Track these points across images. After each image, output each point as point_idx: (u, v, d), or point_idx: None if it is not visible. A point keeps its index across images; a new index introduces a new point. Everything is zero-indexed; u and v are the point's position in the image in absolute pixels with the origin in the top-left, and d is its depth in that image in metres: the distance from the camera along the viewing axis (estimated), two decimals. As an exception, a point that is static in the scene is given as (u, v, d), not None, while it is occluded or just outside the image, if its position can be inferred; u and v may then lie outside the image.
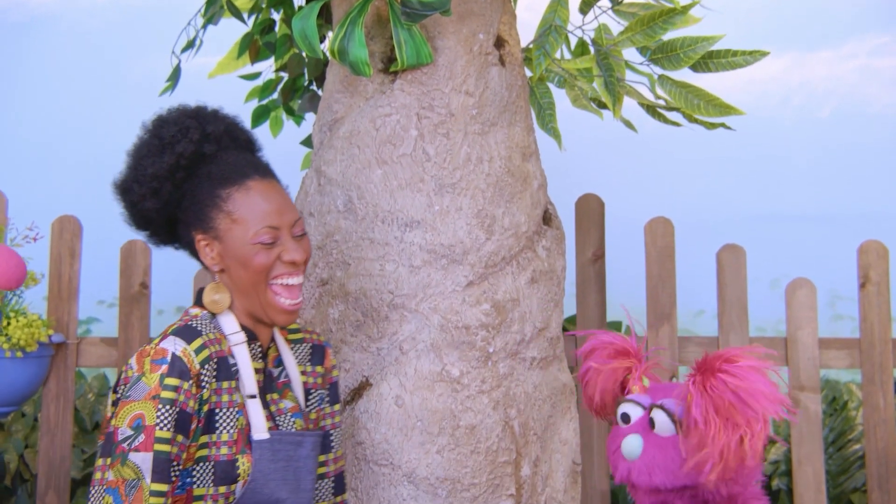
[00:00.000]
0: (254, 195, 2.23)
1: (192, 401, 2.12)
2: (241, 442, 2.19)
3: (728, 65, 3.15)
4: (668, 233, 3.85)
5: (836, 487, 4.30)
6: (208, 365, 2.16)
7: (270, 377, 2.33)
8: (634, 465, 1.92)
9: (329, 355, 2.50)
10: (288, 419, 2.30)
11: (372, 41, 2.98)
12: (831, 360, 3.81)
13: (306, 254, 2.28)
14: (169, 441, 2.09)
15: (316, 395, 2.44)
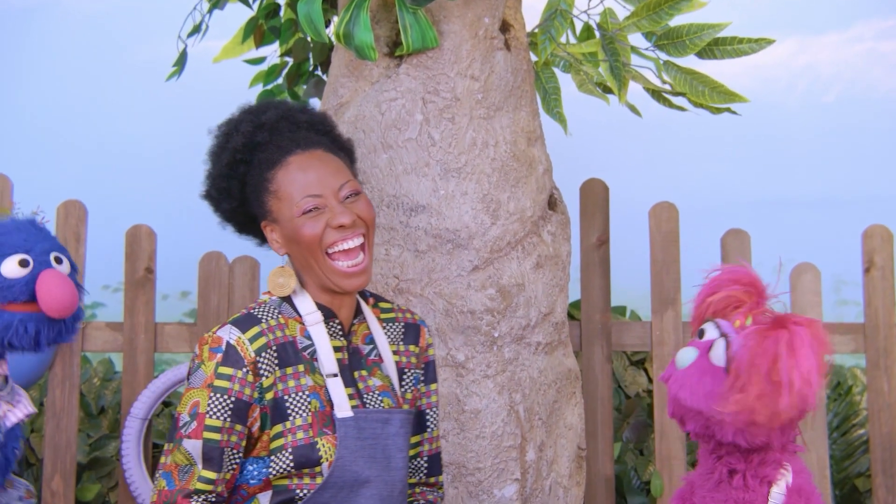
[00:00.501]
0: (293, 170, 2.20)
1: (248, 389, 2.13)
2: (318, 424, 2.16)
3: (734, 52, 3.14)
4: (673, 217, 3.85)
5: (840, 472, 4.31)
6: (266, 353, 2.16)
7: (358, 354, 2.28)
8: (676, 373, 1.98)
9: (424, 334, 2.41)
10: (375, 397, 2.24)
11: (377, 25, 2.98)
12: (836, 345, 3.81)
13: (357, 215, 2.20)
14: (219, 430, 2.11)
15: (410, 374, 2.37)
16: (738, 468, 1.97)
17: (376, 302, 2.39)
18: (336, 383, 2.19)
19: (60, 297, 1.98)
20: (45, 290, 1.97)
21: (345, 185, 2.20)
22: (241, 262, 3.79)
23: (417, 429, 2.40)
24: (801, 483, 1.99)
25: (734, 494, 1.97)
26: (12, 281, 1.97)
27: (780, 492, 1.96)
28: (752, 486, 1.96)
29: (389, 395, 2.26)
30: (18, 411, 2.15)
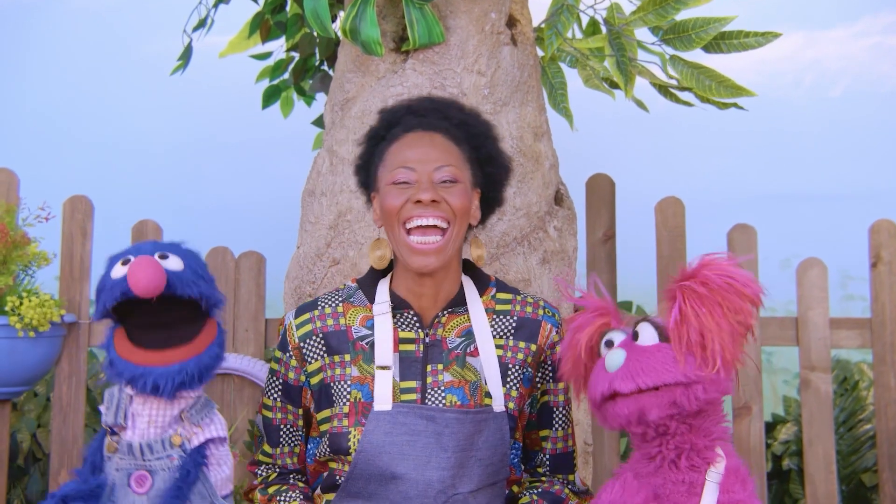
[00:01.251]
0: (404, 144, 2.23)
1: (291, 373, 2.26)
2: (355, 414, 2.17)
3: (740, 46, 3.14)
4: (679, 212, 3.84)
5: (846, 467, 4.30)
6: (311, 340, 2.24)
7: (439, 347, 2.22)
8: (616, 373, 1.94)
9: (545, 331, 2.30)
10: (439, 393, 2.18)
11: (384, 20, 2.98)
12: (842, 340, 3.80)
13: (444, 198, 2.18)
14: (271, 408, 2.30)
15: (517, 371, 2.26)
16: (682, 448, 1.98)
17: (497, 292, 2.34)
18: (384, 376, 2.18)
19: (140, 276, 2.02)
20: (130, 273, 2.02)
21: (443, 168, 2.20)
22: (247, 256, 3.79)
23: (544, 424, 2.33)
24: (736, 464, 2.00)
25: (673, 476, 1.98)
26: (114, 281, 2.04)
27: (717, 471, 1.97)
28: (692, 467, 1.97)
29: (459, 392, 2.19)
30: (202, 434, 2.16)
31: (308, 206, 3.07)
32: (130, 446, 2.09)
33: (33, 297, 3.47)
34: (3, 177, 3.80)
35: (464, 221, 2.21)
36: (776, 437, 4.40)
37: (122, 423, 2.10)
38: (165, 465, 2.10)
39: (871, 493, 4.18)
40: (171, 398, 2.08)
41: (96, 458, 2.13)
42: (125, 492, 2.09)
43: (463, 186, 2.21)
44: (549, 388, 2.33)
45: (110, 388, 2.15)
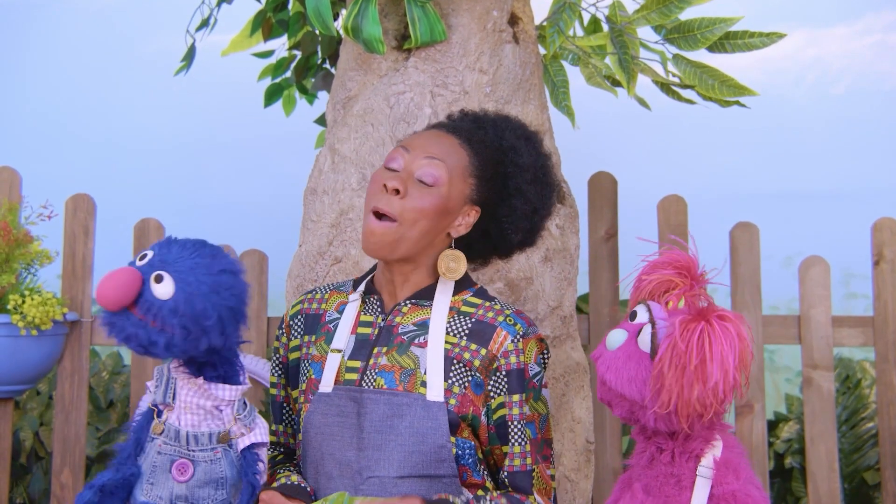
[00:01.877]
0: (420, 132, 2.32)
1: (282, 349, 2.38)
2: (308, 392, 2.26)
3: (745, 46, 3.14)
4: (682, 210, 3.84)
5: (849, 465, 4.30)
6: (297, 318, 2.37)
7: (390, 332, 2.24)
8: (605, 354, 1.98)
9: (499, 338, 2.23)
10: (372, 375, 2.21)
11: (385, 18, 2.98)
12: (844, 339, 3.81)
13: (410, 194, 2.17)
14: (275, 385, 2.40)
15: (461, 371, 2.20)
16: (665, 446, 1.99)
17: (472, 296, 2.31)
18: (334, 359, 2.24)
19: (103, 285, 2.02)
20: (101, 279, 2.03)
21: (429, 159, 2.20)
22: (250, 255, 3.79)
23: (500, 440, 2.25)
24: (730, 457, 2.00)
25: (664, 470, 1.99)
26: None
27: (707, 465, 1.97)
28: (680, 462, 1.98)
29: (388, 376, 2.20)
30: (248, 438, 2.20)
31: (310, 205, 3.07)
32: (178, 433, 2.13)
33: (36, 295, 3.47)
34: (5, 175, 3.80)
35: (420, 225, 2.18)
36: (778, 435, 4.40)
37: (171, 401, 2.15)
38: (208, 457, 2.14)
39: (873, 492, 4.18)
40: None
41: (142, 437, 2.16)
42: (166, 477, 2.12)
43: (442, 192, 2.19)
44: (505, 402, 2.24)
45: (159, 366, 2.19)
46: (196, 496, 2.12)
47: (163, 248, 2.09)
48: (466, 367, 2.22)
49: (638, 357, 1.94)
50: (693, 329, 1.85)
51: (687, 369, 1.84)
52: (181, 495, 2.11)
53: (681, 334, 1.86)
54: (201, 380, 2.13)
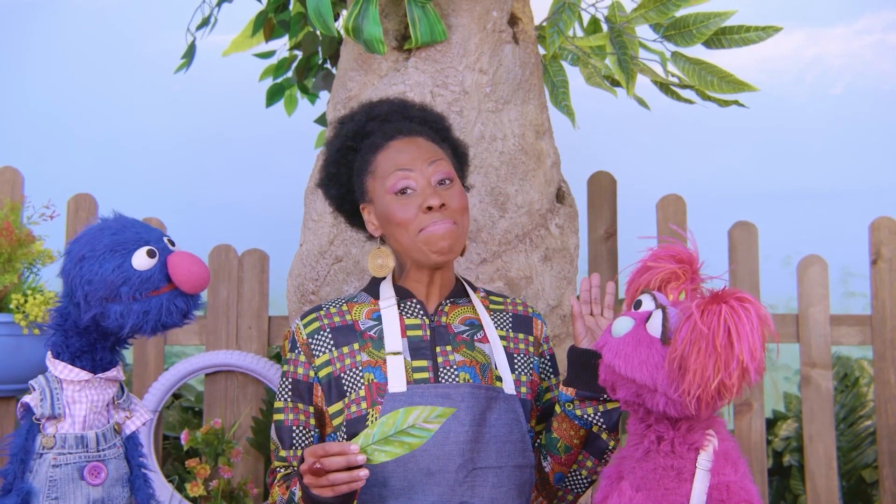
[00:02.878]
0: (392, 151, 2.27)
1: (300, 368, 2.30)
2: (371, 396, 2.21)
3: (741, 41, 3.15)
4: (681, 210, 3.85)
5: (847, 463, 4.31)
6: (318, 335, 2.29)
7: (445, 331, 2.28)
8: (612, 341, 1.95)
9: (537, 326, 2.41)
10: (452, 371, 2.23)
11: (386, 19, 2.99)
12: (843, 337, 3.82)
13: (448, 200, 2.22)
14: (283, 410, 2.31)
15: (524, 359, 2.34)
16: (666, 436, 1.97)
17: (488, 295, 2.42)
18: (396, 360, 2.23)
19: (197, 273, 2.03)
20: (181, 271, 2.01)
21: (437, 163, 2.24)
22: (251, 254, 3.80)
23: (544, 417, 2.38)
24: (727, 448, 1.99)
25: (663, 461, 1.97)
26: (148, 272, 2.01)
27: (707, 457, 1.96)
28: (680, 453, 1.96)
29: (471, 371, 2.24)
30: (137, 419, 2.17)
31: (311, 204, 3.08)
32: (84, 438, 2.07)
33: (38, 294, 3.48)
34: (7, 175, 3.82)
35: (466, 218, 2.27)
36: (777, 433, 4.41)
37: (61, 412, 2.06)
38: (115, 453, 2.10)
39: (871, 489, 4.19)
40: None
41: (26, 456, 2.05)
42: (76, 486, 2.06)
43: (457, 183, 2.27)
44: (550, 385, 2.39)
45: (36, 379, 2.09)
46: (111, 496, 2.09)
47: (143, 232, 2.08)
48: (524, 355, 2.35)
49: (648, 342, 1.91)
50: (715, 311, 1.83)
51: (713, 351, 1.82)
52: (98, 499, 2.06)
53: (702, 317, 1.84)
54: (113, 371, 2.09)
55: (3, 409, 3.74)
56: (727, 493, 1.94)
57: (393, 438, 2.01)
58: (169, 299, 2.02)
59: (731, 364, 1.82)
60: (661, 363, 1.89)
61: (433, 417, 2.01)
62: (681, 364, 1.85)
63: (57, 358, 2.08)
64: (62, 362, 2.07)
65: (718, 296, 1.87)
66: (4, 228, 3.46)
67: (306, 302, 2.99)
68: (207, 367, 3.74)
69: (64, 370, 2.06)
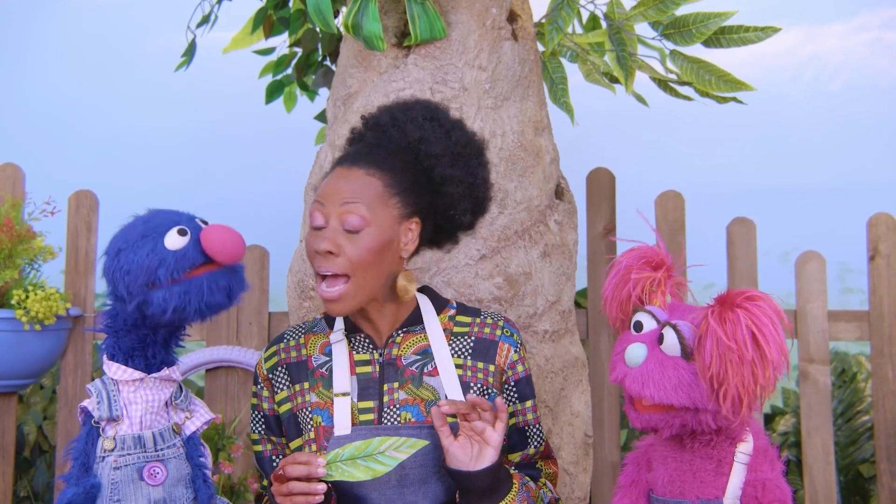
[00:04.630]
0: (330, 177, 2.21)
1: (265, 403, 2.31)
2: (319, 439, 2.19)
3: (740, 40, 3.16)
4: (679, 206, 3.86)
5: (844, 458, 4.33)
6: (277, 370, 2.29)
7: (394, 366, 2.22)
8: (631, 371, 1.89)
9: (502, 351, 2.28)
10: (394, 412, 2.19)
11: (385, 16, 3.00)
12: (840, 333, 3.83)
13: (345, 248, 2.12)
14: (259, 441, 2.33)
15: (479, 390, 2.23)
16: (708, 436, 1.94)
17: (457, 314, 2.33)
18: (342, 402, 2.19)
19: (231, 241, 2.01)
20: (214, 242, 2.00)
21: (345, 205, 2.14)
22: (251, 250, 3.81)
23: (518, 446, 2.30)
24: (765, 444, 1.98)
25: (701, 452, 1.95)
26: (181, 251, 2.00)
27: (745, 451, 1.94)
28: (720, 445, 1.94)
29: (414, 409, 2.19)
30: (197, 419, 2.18)
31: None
32: (141, 438, 2.07)
33: (39, 290, 3.49)
34: (8, 171, 3.82)
35: (370, 269, 2.15)
36: (775, 428, 4.43)
37: (119, 413, 2.07)
38: (174, 453, 2.10)
39: (868, 484, 4.21)
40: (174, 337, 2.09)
41: (88, 460, 2.07)
42: (136, 487, 2.07)
43: (371, 232, 2.14)
44: (517, 410, 2.30)
45: (93, 382, 2.11)
46: (173, 497, 2.09)
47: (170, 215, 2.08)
48: (482, 385, 2.24)
49: (673, 363, 1.87)
50: (733, 319, 1.80)
51: (745, 358, 1.79)
52: (159, 499, 2.07)
53: (722, 327, 1.80)
54: (167, 370, 2.09)
55: (4, 405, 3.75)
56: (763, 491, 1.93)
57: (361, 462, 2.02)
58: (209, 278, 2.01)
59: (767, 369, 1.80)
60: (694, 382, 1.85)
61: (405, 448, 2.03)
62: (715, 379, 1.82)
63: (112, 360, 2.08)
64: (116, 363, 2.08)
65: (729, 299, 1.84)
66: (5, 224, 3.47)
67: (306, 298, 3.00)
68: (208, 363, 3.75)
69: (118, 371, 2.07)
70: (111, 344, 2.08)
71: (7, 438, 3.76)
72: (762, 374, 1.80)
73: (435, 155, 2.25)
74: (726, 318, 1.82)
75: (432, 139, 2.25)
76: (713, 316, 1.83)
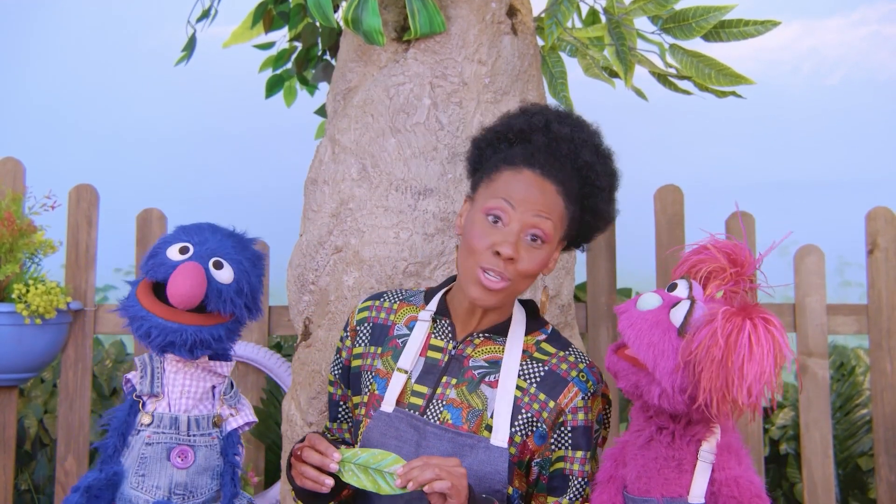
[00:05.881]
0: (517, 176, 2.15)
1: (345, 352, 2.34)
2: (369, 406, 2.22)
3: (740, 34, 3.16)
4: (678, 200, 3.87)
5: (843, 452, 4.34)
6: (364, 325, 2.32)
7: (460, 363, 2.21)
8: (632, 311, 1.93)
9: (569, 393, 2.19)
10: (438, 406, 2.17)
11: (385, 10, 3.00)
12: (839, 326, 3.84)
13: (521, 259, 2.11)
14: (333, 383, 2.37)
15: (530, 420, 2.18)
16: (667, 427, 1.96)
17: (544, 341, 2.28)
18: (399, 378, 2.20)
19: (181, 285, 2.03)
20: (172, 278, 2.03)
21: (541, 219, 2.13)
22: (251, 245, 3.81)
23: (557, 491, 2.21)
24: (731, 441, 1.97)
25: (664, 452, 1.96)
26: (170, 263, 2.05)
27: (709, 449, 1.94)
28: (681, 445, 1.95)
29: (457, 412, 2.17)
30: (241, 418, 2.19)
31: (310, 195, 3.09)
32: (177, 420, 2.10)
33: (40, 284, 3.50)
34: (9, 166, 3.83)
35: (527, 282, 2.16)
36: (774, 421, 4.44)
37: (160, 390, 2.11)
38: (207, 442, 2.12)
39: (866, 477, 4.22)
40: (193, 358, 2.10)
41: (126, 431, 2.11)
42: (162, 465, 2.09)
43: (547, 248, 2.15)
44: (566, 455, 2.21)
45: (141, 356, 2.16)
46: (195, 484, 2.10)
47: (198, 235, 2.10)
48: (534, 417, 2.18)
49: (665, 327, 1.89)
50: (738, 325, 1.80)
51: (724, 367, 1.79)
52: (181, 483, 2.09)
53: (722, 326, 1.81)
54: (205, 359, 2.12)
55: (5, 399, 3.76)
56: (738, 489, 1.92)
57: (372, 472, 2.02)
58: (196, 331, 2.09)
59: (741, 387, 1.79)
60: (668, 352, 1.87)
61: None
62: (690, 365, 1.84)
63: None
64: None
65: (746, 309, 1.84)
66: (6, 219, 3.48)
67: (306, 292, 3.00)
68: (208, 357, 3.76)
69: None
70: None
71: (8, 432, 3.76)
72: (735, 388, 1.80)
73: (597, 187, 2.25)
74: (732, 321, 1.82)
75: (599, 171, 2.25)
76: (724, 314, 1.83)
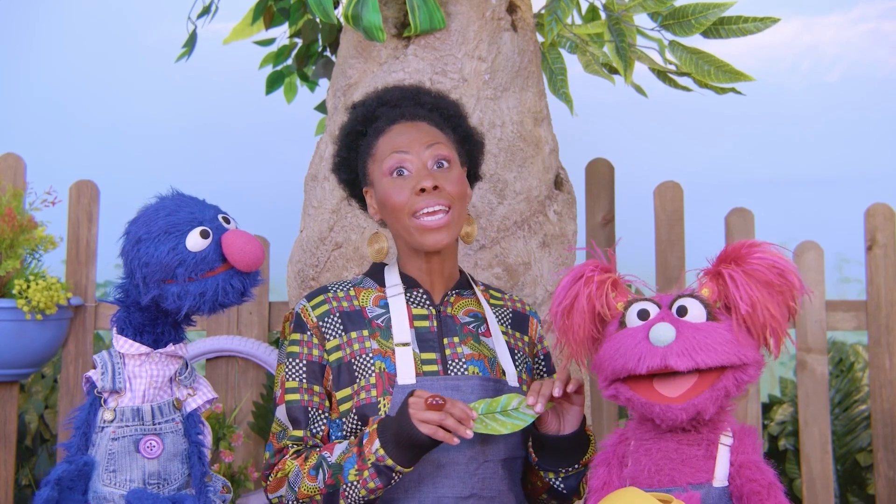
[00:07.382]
0: (392, 134, 2.26)
1: (315, 350, 2.27)
2: (383, 385, 2.19)
3: (739, 31, 3.17)
4: (678, 197, 3.88)
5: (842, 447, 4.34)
6: (329, 318, 2.27)
7: (451, 322, 2.28)
8: (671, 349, 1.88)
9: (533, 324, 2.41)
10: (460, 364, 2.23)
11: (385, 6, 3.01)
12: (838, 323, 3.84)
13: (443, 183, 2.20)
14: (297, 390, 2.25)
15: (521, 358, 2.34)
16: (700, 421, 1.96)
17: (487, 289, 2.41)
18: (405, 352, 2.22)
19: (251, 252, 2.04)
20: (235, 250, 2.02)
21: (435, 147, 2.23)
22: (251, 240, 3.82)
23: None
24: (742, 426, 2.00)
25: (687, 439, 1.96)
26: (202, 253, 2.03)
27: (729, 434, 1.96)
28: (707, 431, 1.96)
29: (480, 364, 2.24)
30: (199, 397, 2.19)
31: (311, 191, 3.10)
32: (139, 411, 2.08)
33: (40, 280, 3.51)
34: (10, 161, 3.83)
35: (463, 203, 2.25)
36: (773, 417, 4.44)
37: (122, 386, 2.09)
38: (172, 428, 2.12)
39: (865, 473, 4.22)
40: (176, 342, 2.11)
41: (88, 430, 2.09)
42: (132, 458, 2.08)
43: (456, 168, 2.25)
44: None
45: (99, 353, 2.13)
46: (168, 471, 2.10)
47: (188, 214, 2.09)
48: (522, 353, 2.35)
49: (707, 327, 1.90)
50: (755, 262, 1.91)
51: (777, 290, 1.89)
52: (154, 472, 2.08)
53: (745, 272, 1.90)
54: (173, 346, 2.11)
55: (6, 394, 3.77)
56: (759, 472, 1.93)
57: (500, 416, 2.08)
58: (225, 279, 2.03)
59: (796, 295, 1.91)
60: (733, 338, 1.90)
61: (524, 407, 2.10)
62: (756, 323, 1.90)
63: (121, 334, 2.10)
64: (124, 337, 2.10)
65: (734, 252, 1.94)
66: (7, 214, 3.48)
67: (306, 287, 3.01)
68: (208, 353, 3.77)
69: (125, 345, 2.09)
70: (122, 318, 2.10)
71: (9, 427, 3.77)
72: (792, 300, 1.90)
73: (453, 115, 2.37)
74: (747, 264, 1.90)
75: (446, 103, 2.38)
76: (729, 269, 1.91)
